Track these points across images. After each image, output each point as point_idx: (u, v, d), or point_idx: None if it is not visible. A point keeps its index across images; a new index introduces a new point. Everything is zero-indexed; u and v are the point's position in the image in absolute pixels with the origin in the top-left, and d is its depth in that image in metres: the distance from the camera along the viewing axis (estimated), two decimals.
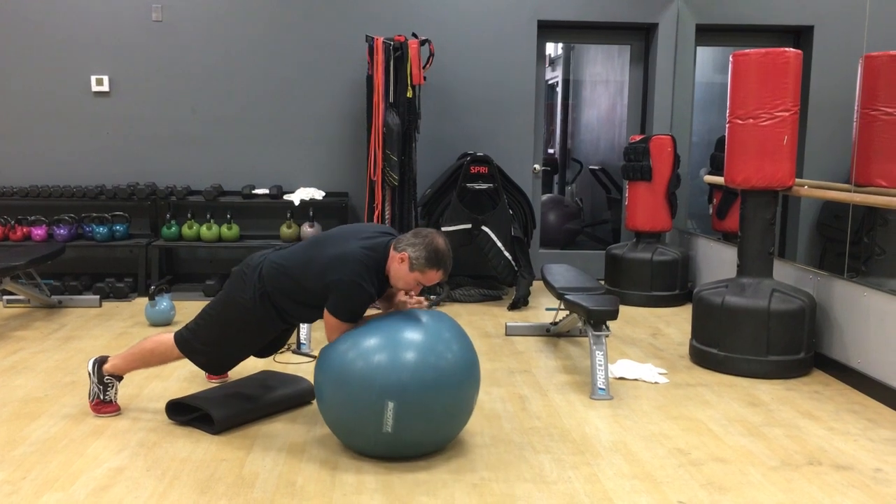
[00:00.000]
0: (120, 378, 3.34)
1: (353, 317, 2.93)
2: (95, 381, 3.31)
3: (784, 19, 6.39)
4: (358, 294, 2.89)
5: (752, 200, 4.13)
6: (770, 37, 6.49)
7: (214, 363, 3.31)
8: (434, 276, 2.92)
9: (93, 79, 6.08)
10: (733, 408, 3.56)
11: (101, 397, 3.31)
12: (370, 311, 3.03)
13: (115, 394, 3.34)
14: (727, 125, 4.16)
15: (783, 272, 4.42)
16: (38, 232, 5.78)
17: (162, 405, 3.35)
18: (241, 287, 3.09)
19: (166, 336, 3.25)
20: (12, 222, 5.80)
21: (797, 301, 3.97)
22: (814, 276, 4.26)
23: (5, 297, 5.31)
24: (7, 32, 6.01)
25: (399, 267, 2.91)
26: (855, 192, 4.33)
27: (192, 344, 3.18)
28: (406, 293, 3.04)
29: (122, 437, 3.10)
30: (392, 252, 2.93)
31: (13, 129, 6.09)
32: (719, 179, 4.55)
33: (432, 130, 6.16)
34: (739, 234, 4.22)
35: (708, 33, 6.47)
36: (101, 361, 3.32)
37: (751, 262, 4.15)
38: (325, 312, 2.94)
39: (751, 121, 4.00)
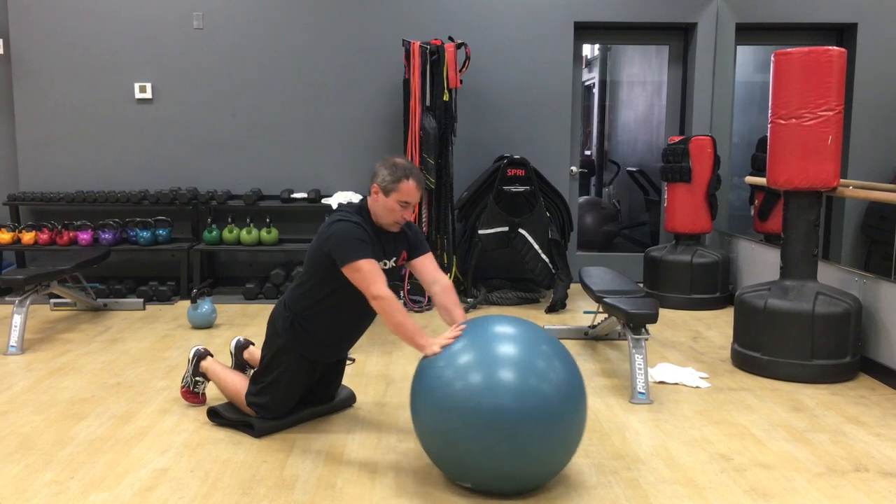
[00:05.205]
0: (209, 379, 3.48)
1: (359, 251, 2.88)
2: (191, 371, 3.47)
3: (827, 17, 6.28)
4: (347, 230, 2.93)
5: (795, 202, 4.06)
6: (812, 35, 6.38)
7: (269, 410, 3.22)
8: (410, 188, 2.99)
9: (136, 86, 6.21)
10: (777, 413, 3.50)
11: (192, 388, 3.49)
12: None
13: (204, 389, 3.50)
14: (769, 125, 4.09)
15: (827, 274, 4.34)
16: (84, 236, 5.91)
17: (204, 406, 3.43)
18: (273, 325, 3.19)
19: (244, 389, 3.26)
20: (59, 227, 5.93)
21: (842, 304, 3.89)
22: (859, 278, 4.17)
23: (53, 301, 5.44)
24: (52, 42, 6.16)
25: (377, 200, 3.02)
26: None
27: (253, 400, 3.21)
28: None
29: (166, 438, 3.15)
30: (369, 198, 3.07)
31: (60, 136, 6.24)
32: (761, 180, 4.48)
33: (469, 133, 6.16)
34: (782, 235, 4.15)
35: (748, 32, 6.38)
36: (201, 357, 3.47)
37: (794, 265, 4.08)
38: (345, 273, 2.90)
39: (793, 121, 3.94)
